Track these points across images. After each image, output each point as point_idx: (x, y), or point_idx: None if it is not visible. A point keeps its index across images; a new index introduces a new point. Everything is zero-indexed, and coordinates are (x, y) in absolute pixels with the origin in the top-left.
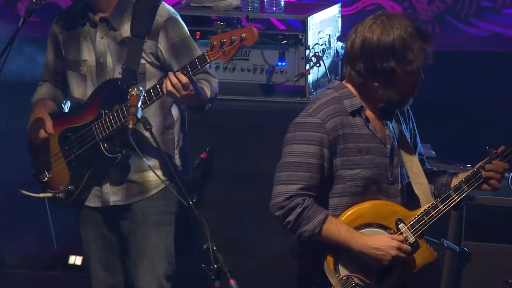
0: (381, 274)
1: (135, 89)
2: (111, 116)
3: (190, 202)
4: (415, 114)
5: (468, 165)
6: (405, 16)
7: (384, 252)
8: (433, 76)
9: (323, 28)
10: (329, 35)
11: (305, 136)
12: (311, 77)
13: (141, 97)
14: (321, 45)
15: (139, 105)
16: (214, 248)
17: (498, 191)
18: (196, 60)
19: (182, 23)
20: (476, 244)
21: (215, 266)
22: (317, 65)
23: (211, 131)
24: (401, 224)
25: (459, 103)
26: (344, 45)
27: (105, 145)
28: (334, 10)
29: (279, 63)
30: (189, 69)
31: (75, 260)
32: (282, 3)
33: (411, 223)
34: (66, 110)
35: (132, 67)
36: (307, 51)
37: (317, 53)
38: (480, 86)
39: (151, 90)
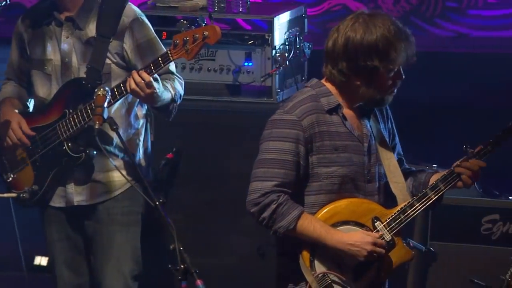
0: (357, 272)
1: (101, 89)
2: (75, 116)
3: (157, 203)
4: None
5: (434, 165)
6: (386, 15)
7: (359, 247)
8: None
9: (289, 28)
10: (296, 36)
11: (281, 133)
12: (277, 78)
13: (108, 97)
14: (288, 45)
15: (105, 106)
16: (181, 248)
17: (464, 191)
18: (159, 59)
19: (148, 24)
20: (442, 244)
21: (182, 266)
22: (284, 65)
23: (177, 131)
24: (378, 222)
25: (423, 102)
26: (311, 45)
27: (69, 144)
28: (300, 11)
29: (246, 64)
30: (152, 68)
31: (41, 260)
32: (248, 3)
33: (387, 221)
34: (31, 109)
35: (97, 67)
36: (274, 52)
37: (283, 53)
38: (445, 85)
39: (115, 89)
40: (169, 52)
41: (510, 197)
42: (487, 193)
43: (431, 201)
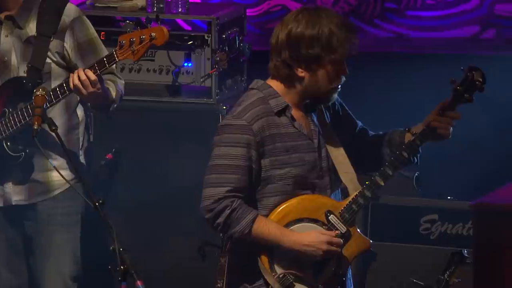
0: (317, 267)
1: (40, 89)
2: (15, 115)
3: (96, 203)
4: None
5: None
6: (330, 9)
7: (314, 248)
8: None
9: (229, 29)
10: (235, 36)
11: (232, 139)
12: (217, 78)
13: (47, 98)
14: (227, 46)
15: (44, 106)
16: (121, 249)
17: (403, 191)
18: (105, 59)
19: (89, 23)
20: (381, 244)
21: (122, 267)
22: (223, 66)
23: (117, 132)
24: (331, 215)
25: (363, 103)
26: (250, 46)
27: (8, 144)
28: (240, 11)
29: (185, 64)
30: (97, 67)
31: None
32: (188, 4)
33: (340, 213)
34: None
35: (37, 66)
36: (213, 52)
37: (223, 54)
38: (385, 86)
39: (57, 88)
40: (115, 52)
41: (449, 197)
42: (426, 193)
43: (380, 187)
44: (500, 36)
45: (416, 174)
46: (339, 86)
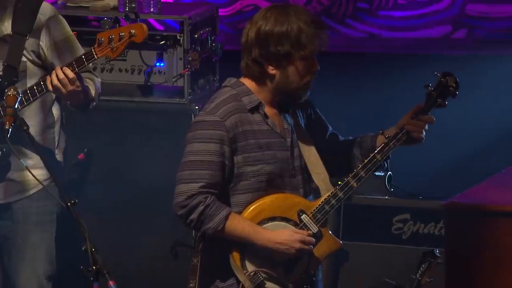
0: (288, 266)
1: (12, 89)
2: None
3: (68, 203)
4: None
5: None
6: (299, 5)
7: (287, 246)
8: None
9: (201, 28)
10: (207, 36)
11: (205, 135)
12: (189, 78)
13: (18, 97)
14: (199, 45)
15: (15, 106)
16: (93, 249)
17: (375, 191)
18: (83, 56)
19: (65, 22)
20: (354, 244)
21: (94, 267)
22: (195, 65)
23: (89, 132)
24: (304, 215)
25: (335, 103)
26: (222, 45)
27: None
28: (212, 11)
29: (157, 64)
30: (75, 65)
31: None
32: (160, 3)
33: (313, 213)
34: None
35: (13, 65)
36: (185, 52)
37: (195, 54)
38: (357, 86)
39: (35, 87)
40: (93, 50)
41: (420, 197)
42: (398, 193)
43: (353, 189)
44: (471, 36)
45: (389, 174)
46: (311, 83)
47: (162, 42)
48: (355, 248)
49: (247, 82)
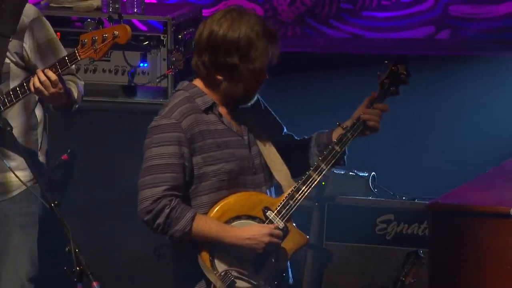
0: (257, 264)
1: None
2: None
3: (52, 204)
4: (280, 114)
5: None
6: (255, 14)
7: (256, 241)
8: (294, 78)
9: (185, 29)
10: (191, 36)
11: (163, 138)
12: (173, 78)
13: (4, 98)
14: (183, 46)
15: None
16: (77, 250)
17: (359, 191)
18: (66, 58)
19: (48, 24)
20: (337, 244)
21: (78, 268)
22: (179, 66)
23: (72, 133)
24: (269, 211)
25: (318, 104)
26: None
27: None
28: (196, 11)
29: (141, 64)
30: (58, 66)
31: None
32: (143, 4)
33: (277, 209)
34: None
35: None
36: (169, 53)
37: (179, 54)
38: (341, 87)
39: (18, 89)
40: (76, 51)
41: (404, 198)
42: (382, 194)
43: (315, 182)
44: (455, 37)
45: (372, 174)
46: (258, 89)
47: (146, 43)
48: (338, 249)
49: (199, 84)
